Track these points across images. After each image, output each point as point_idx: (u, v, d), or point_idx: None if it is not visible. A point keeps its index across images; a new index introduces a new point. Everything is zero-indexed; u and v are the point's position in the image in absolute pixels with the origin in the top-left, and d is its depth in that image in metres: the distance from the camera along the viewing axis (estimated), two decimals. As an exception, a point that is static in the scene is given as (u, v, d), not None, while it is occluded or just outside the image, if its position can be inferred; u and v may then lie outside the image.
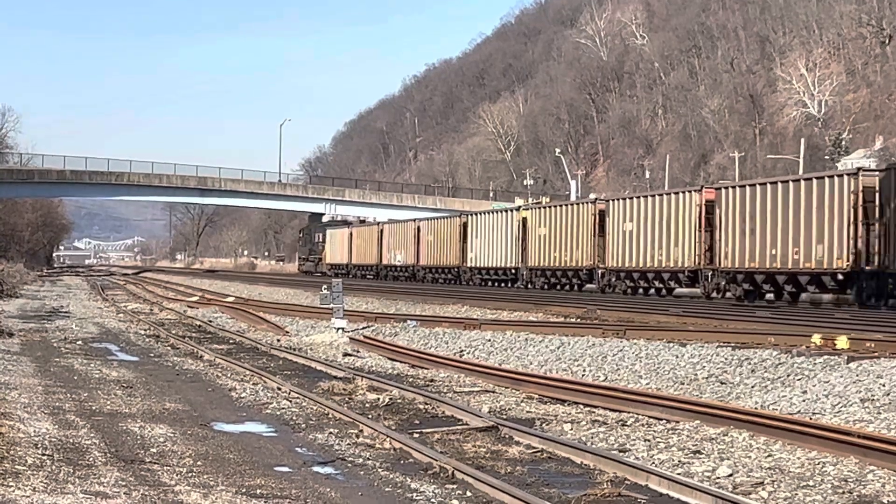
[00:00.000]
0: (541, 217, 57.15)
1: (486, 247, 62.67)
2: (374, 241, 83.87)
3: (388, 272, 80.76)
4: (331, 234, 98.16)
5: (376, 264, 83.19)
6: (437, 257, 70.81)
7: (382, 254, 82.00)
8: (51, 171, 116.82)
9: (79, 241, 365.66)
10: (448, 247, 68.82)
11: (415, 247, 74.69)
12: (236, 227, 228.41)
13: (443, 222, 71.67)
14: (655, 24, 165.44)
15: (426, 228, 73.57)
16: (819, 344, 19.16)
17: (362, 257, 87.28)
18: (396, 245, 79.04)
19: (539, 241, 56.57)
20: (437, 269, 71.31)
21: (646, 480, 10.25)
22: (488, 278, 63.18)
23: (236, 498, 9.54)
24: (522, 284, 57.75)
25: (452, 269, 68.33)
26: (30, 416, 13.92)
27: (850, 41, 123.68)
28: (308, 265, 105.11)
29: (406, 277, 76.63)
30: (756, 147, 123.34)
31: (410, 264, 75.66)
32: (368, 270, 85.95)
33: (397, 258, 78.44)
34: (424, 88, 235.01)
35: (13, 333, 27.29)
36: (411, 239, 75.56)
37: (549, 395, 16.62)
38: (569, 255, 53.46)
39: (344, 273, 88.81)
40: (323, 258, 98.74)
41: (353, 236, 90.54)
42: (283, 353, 23.65)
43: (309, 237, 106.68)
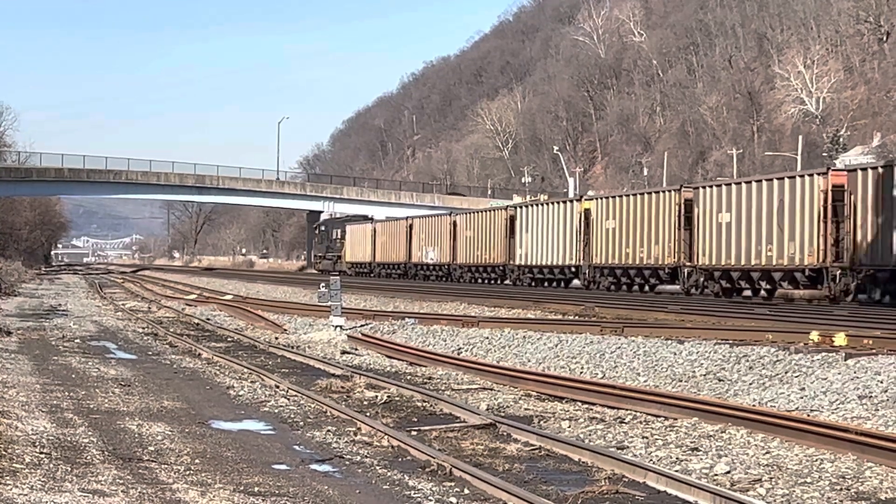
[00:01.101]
0: (609, 208, 49.96)
1: (539, 242, 56.19)
2: (402, 237, 77.36)
3: (418, 271, 74.65)
4: (351, 230, 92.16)
5: (404, 262, 77.06)
6: (478, 255, 64.27)
7: (412, 251, 75.79)
8: (49, 170, 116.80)
9: (77, 239, 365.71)
10: (492, 243, 62.40)
11: (450, 243, 68.45)
12: (234, 226, 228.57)
13: (485, 216, 64.57)
14: (653, 21, 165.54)
15: (464, 223, 66.93)
16: (817, 341, 19.15)
17: (388, 255, 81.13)
18: (428, 241, 72.80)
19: (606, 235, 49.83)
20: (477, 268, 64.89)
21: (644, 477, 10.26)
22: (541, 277, 56.61)
23: (234, 496, 9.54)
24: (583, 284, 51.99)
25: (496, 267, 61.85)
26: (27, 414, 13.91)
27: (848, 38, 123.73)
28: (325, 263, 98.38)
29: (440, 277, 70.66)
30: (754, 144, 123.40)
31: (445, 262, 69.44)
32: (395, 269, 79.64)
33: (430, 256, 72.38)
34: (422, 86, 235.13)
35: (11, 332, 27.29)
36: (446, 234, 69.20)
37: (548, 392, 16.61)
38: (645, 251, 46.89)
39: (366, 272, 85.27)
40: (342, 256, 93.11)
41: (378, 232, 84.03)
42: (282, 351, 23.65)
43: (326, 234, 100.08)
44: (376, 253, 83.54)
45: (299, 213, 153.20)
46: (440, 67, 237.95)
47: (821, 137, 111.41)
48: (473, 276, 65.24)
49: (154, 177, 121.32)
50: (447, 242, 68.90)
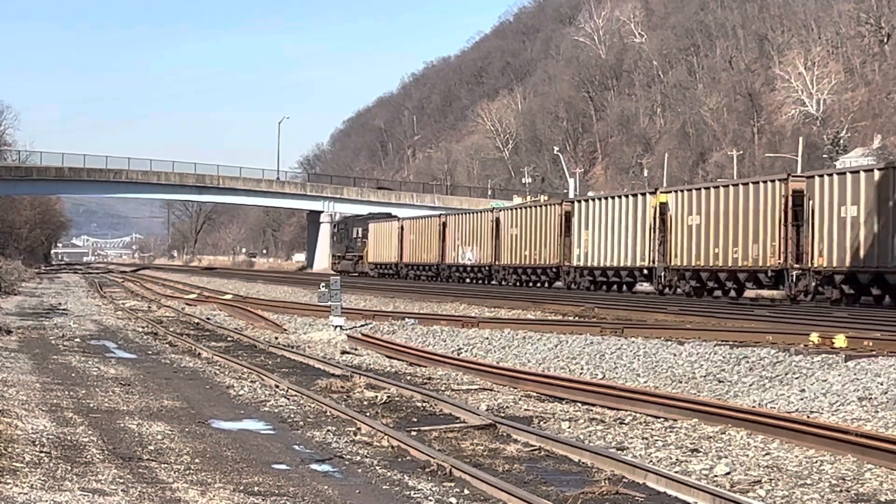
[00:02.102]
0: (692, 201, 44.16)
1: (602, 241, 50.20)
2: (435, 236, 71.49)
3: (452, 273, 68.78)
4: (375, 228, 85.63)
5: (437, 263, 71.09)
6: (526, 255, 58.10)
7: (445, 251, 69.73)
8: (49, 169, 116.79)
9: (77, 238, 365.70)
10: (543, 242, 56.25)
11: (492, 242, 62.34)
12: (234, 225, 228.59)
13: (535, 212, 58.29)
14: (654, 22, 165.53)
15: (510, 220, 60.67)
16: (817, 342, 19.15)
17: (417, 255, 75.17)
18: (465, 240, 66.74)
19: (689, 233, 44.11)
20: (525, 270, 58.76)
21: (644, 478, 10.26)
22: (603, 280, 50.78)
23: (234, 495, 9.54)
24: (657, 288, 46.17)
25: (550, 269, 55.76)
26: (28, 413, 13.91)
27: (849, 40, 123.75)
28: (345, 264, 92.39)
29: (478, 279, 65.10)
30: (754, 145, 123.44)
31: (486, 263, 63.32)
32: (425, 270, 73.90)
33: (467, 256, 66.27)
34: (423, 86, 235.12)
35: (11, 331, 27.29)
36: (487, 233, 63.09)
37: (547, 393, 16.61)
38: (740, 252, 40.88)
39: (392, 273, 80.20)
40: (364, 256, 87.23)
41: (405, 231, 77.94)
42: (281, 351, 23.65)
43: (345, 232, 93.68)
44: (403, 253, 78.07)
45: (299, 213, 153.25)
46: (440, 68, 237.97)
47: (821, 139, 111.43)
48: (520, 278, 59.11)
49: (154, 176, 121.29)
50: (488, 241, 62.98)
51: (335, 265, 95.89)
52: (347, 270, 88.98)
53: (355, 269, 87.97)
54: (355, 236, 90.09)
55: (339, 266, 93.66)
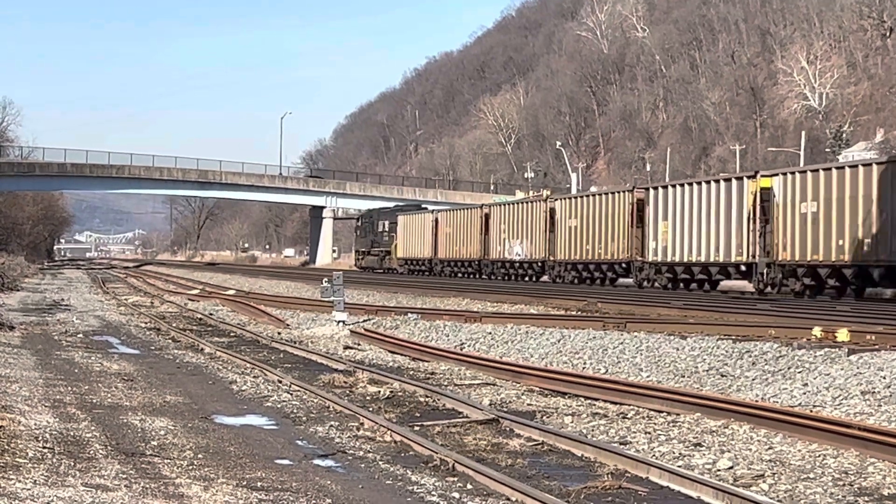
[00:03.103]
0: (803, 186, 38.71)
1: (685, 233, 44.50)
2: (476, 229, 66.06)
3: (496, 269, 63.36)
4: (404, 221, 79.40)
5: (478, 259, 65.67)
6: (588, 249, 52.38)
7: (488, 245, 64.13)
8: (52, 165, 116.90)
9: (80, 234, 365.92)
10: (609, 234, 50.52)
11: (545, 235, 56.90)
12: (237, 221, 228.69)
13: (598, 201, 52.45)
14: (656, 16, 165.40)
15: (567, 210, 54.98)
16: (820, 336, 19.15)
17: (455, 250, 69.49)
18: (513, 233, 60.97)
19: (802, 222, 38.41)
20: (587, 266, 53.12)
21: (646, 473, 10.25)
22: (686, 278, 45.36)
23: (237, 490, 9.54)
24: (758, 287, 40.43)
25: (618, 264, 50.27)
26: (30, 409, 13.92)
27: (851, 34, 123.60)
28: (369, 260, 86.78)
29: (530, 276, 59.68)
30: (757, 140, 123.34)
31: (538, 259, 57.98)
32: (465, 267, 68.49)
33: (515, 251, 60.54)
34: (425, 81, 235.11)
35: (14, 326, 27.29)
36: (540, 225, 57.64)
37: (550, 387, 16.62)
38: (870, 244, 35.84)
39: (424, 270, 74.96)
40: (392, 251, 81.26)
41: (440, 224, 72.11)
42: (284, 346, 23.65)
43: (370, 226, 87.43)
44: (438, 248, 72.33)
45: (302, 209, 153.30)
46: (443, 63, 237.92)
47: (824, 133, 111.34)
48: (579, 275, 53.91)
49: (157, 172, 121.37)
50: (541, 234, 57.50)
51: (359, 261, 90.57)
52: (372, 267, 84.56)
53: (381, 266, 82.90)
54: (381, 230, 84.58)
55: (363, 262, 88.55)
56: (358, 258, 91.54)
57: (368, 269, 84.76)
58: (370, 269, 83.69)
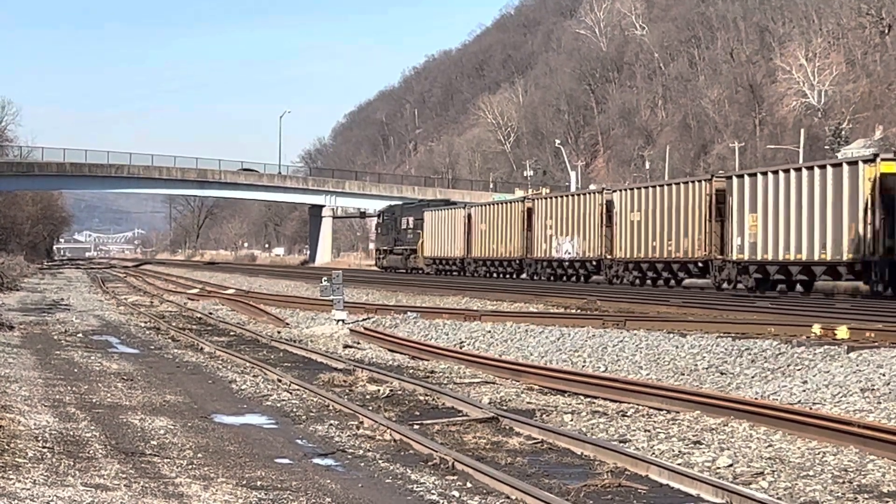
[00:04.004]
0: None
1: (779, 226, 38.73)
2: (516, 225, 60.54)
3: (541, 269, 58.11)
4: (432, 217, 73.45)
5: (520, 258, 60.23)
6: (654, 246, 46.86)
7: (532, 243, 58.68)
8: (50, 164, 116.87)
9: (79, 233, 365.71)
10: (681, 229, 44.85)
11: (600, 231, 51.42)
12: (236, 220, 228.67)
13: (664, 192, 46.80)
14: (655, 14, 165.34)
15: (626, 202, 49.67)
16: (819, 334, 19.15)
17: (491, 248, 63.83)
18: (561, 229, 55.45)
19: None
20: (652, 264, 47.90)
21: (646, 471, 10.26)
22: (780, 279, 39.64)
23: (237, 490, 9.55)
24: (875, 287, 35.29)
25: (692, 263, 44.72)
26: (30, 408, 13.92)
27: (850, 31, 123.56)
28: (392, 259, 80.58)
29: (582, 276, 54.39)
30: (756, 137, 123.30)
31: (593, 257, 52.41)
32: (503, 267, 63.15)
33: (564, 248, 55.14)
34: (424, 80, 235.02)
35: (13, 326, 27.29)
36: (593, 219, 52.28)
37: (550, 385, 16.62)
38: None
39: (455, 270, 69.64)
40: (418, 250, 75.10)
41: (474, 219, 66.52)
42: (284, 345, 23.66)
43: (393, 223, 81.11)
44: (471, 246, 66.66)
45: (301, 208, 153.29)
46: (442, 61, 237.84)
47: (823, 130, 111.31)
48: (643, 274, 48.94)
49: (156, 171, 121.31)
50: (595, 230, 52.09)
51: (380, 260, 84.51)
52: (395, 267, 79.08)
53: (405, 266, 77.35)
54: (405, 227, 78.29)
55: (384, 262, 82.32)
56: (379, 257, 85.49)
57: (391, 269, 79.57)
58: (392, 270, 78.69)
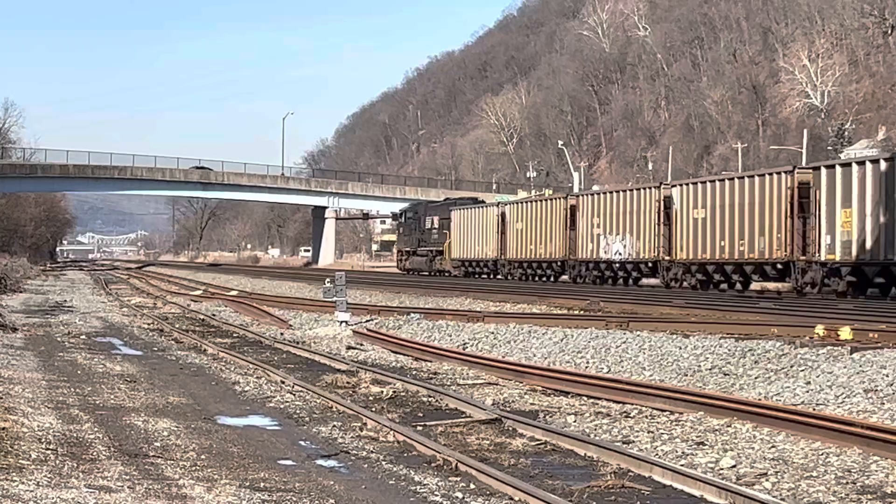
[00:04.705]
0: None
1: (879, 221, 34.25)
2: (558, 223, 55.90)
3: (585, 270, 53.44)
4: (460, 216, 68.79)
5: (562, 259, 55.51)
6: (723, 246, 42.30)
7: (577, 242, 54.09)
8: (54, 166, 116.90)
9: (82, 235, 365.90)
10: (755, 228, 40.37)
11: (656, 229, 47.23)
12: (239, 221, 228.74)
13: (734, 186, 42.11)
14: (658, 15, 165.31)
15: (688, 198, 44.87)
16: (822, 335, 19.13)
17: (529, 249, 59.06)
18: (610, 227, 51.08)
19: None
20: (721, 266, 43.11)
21: (649, 472, 10.26)
22: (881, 283, 35.24)
23: (240, 491, 9.55)
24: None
25: (771, 264, 39.83)
26: (33, 410, 13.93)
27: (853, 32, 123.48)
28: (415, 261, 75.75)
29: (633, 279, 50.45)
30: (759, 138, 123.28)
31: (647, 258, 48.06)
32: (543, 269, 58.26)
33: (614, 249, 50.84)
34: (427, 81, 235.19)
35: (17, 328, 27.31)
36: (649, 216, 47.90)
37: (553, 387, 16.62)
38: None
39: (486, 273, 65.14)
40: (444, 251, 70.51)
41: (508, 218, 62.03)
42: (287, 347, 23.66)
43: (415, 223, 76.06)
44: (506, 246, 61.99)
45: (304, 209, 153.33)
46: (444, 62, 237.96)
47: (826, 131, 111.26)
48: (707, 278, 43.90)
49: (159, 172, 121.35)
50: (651, 228, 47.70)
51: (401, 262, 79.77)
52: (419, 269, 74.43)
53: (430, 268, 72.82)
54: (429, 227, 73.66)
55: (407, 263, 77.55)
56: (400, 259, 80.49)
57: (413, 271, 75.08)
58: (415, 272, 74.22)
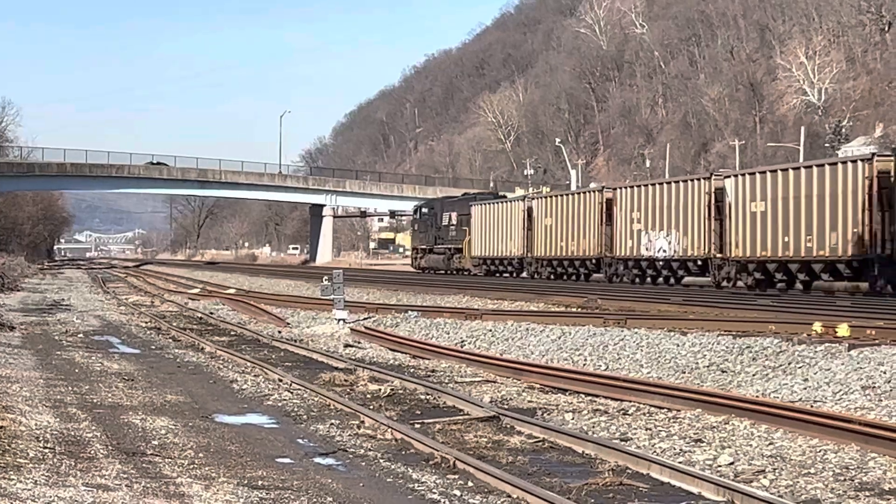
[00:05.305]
0: None
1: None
2: (592, 218, 52.18)
3: (624, 269, 49.72)
4: (481, 212, 65.15)
5: (597, 257, 51.72)
6: (786, 242, 38.32)
7: (614, 239, 50.20)
8: (51, 165, 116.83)
9: (80, 233, 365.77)
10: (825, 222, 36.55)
11: (707, 224, 43.16)
12: (237, 219, 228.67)
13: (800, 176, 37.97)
14: (655, 12, 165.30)
15: (745, 189, 40.81)
16: (820, 332, 19.14)
17: (559, 247, 55.53)
18: (653, 222, 47.02)
19: None
20: (784, 264, 38.83)
21: (647, 469, 10.26)
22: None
23: (238, 489, 9.54)
24: None
25: (847, 262, 35.87)
26: (31, 409, 13.92)
27: (850, 29, 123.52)
28: (432, 259, 72.59)
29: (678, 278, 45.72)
30: (756, 135, 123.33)
31: (697, 256, 43.97)
32: (575, 267, 54.27)
33: (657, 246, 46.45)
34: (424, 79, 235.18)
35: (14, 327, 27.29)
36: (697, 210, 43.90)
37: (551, 384, 16.61)
38: None
39: (510, 271, 62.06)
40: (464, 249, 67.09)
41: (535, 213, 58.46)
42: (285, 345, 23.65)
43: (431, 219, 72.79)
44: (533, 243, 58.49)
45: (302, 207, 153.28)
46: (442, 60, 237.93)
47: (823, 128, 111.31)
48: (769, 276, 39.93)
49: (156, 171, 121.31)
50: (700, 223, 43.64)
51: (416, 260, 76.21)
52: (435, 267, 71.43)
53: (448, 267, 69.66)
54: (447, 223, 70.43)
55: (422, 261, 74.28)
56: (415, 257, 77.02)
57: (430, 270, 72.00)
58: (431, 271, 71.25)
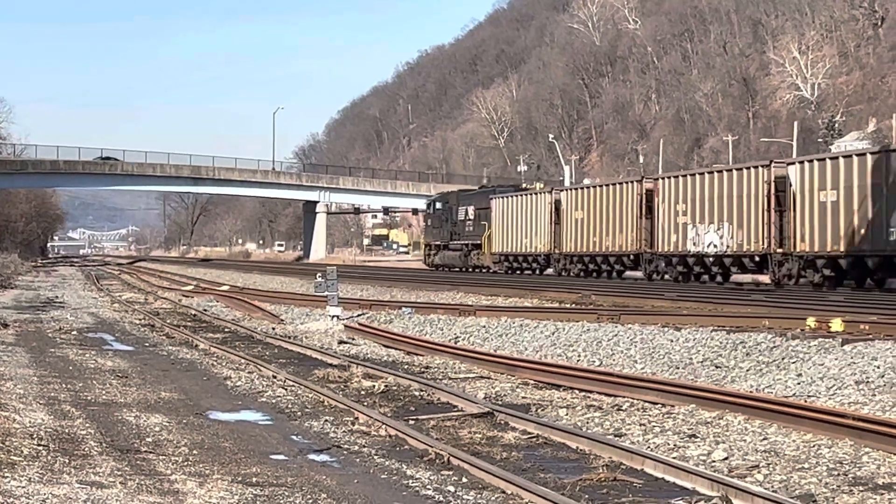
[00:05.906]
0: None
1: None
2: (630, 211, 48.09)
3: (667, 266, 45.59)
4: (502, 205, 61.22)
5: (635, 252, 47.80)
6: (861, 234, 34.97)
7: (654, 233, 46.19)
8: (44, 162, 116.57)
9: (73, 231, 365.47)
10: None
11: (766, 216, 39.38)
12: (231, 216, 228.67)
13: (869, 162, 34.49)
14: (648, 8, 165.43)
15: (809, 178, 37.00)
16: (813, 327, 19.16)
17: (592, 242, 51.35)
18: (700, 216, 43.15)
19: None
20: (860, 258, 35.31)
21: (641, 465, 10.26)
22: None
23: (232, 486, 9.54)
24: None
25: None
26: (25, 406, 13.90)
27: (843, 23, 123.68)
28: (447, 256, 68.49)
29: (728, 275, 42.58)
30: (749, 130, 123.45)
31: (754, 251, 40.05)
32: (609, 263, 50.46)
33: (707, 240, 42.57)
34: (417, 75, 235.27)
35: (8, 324, 27.25)
36: (754, 202, 40.06)
37: (545, 380, 16.61)
38: None
39: (536, 268, 57.89)
40: (483, 245, 63.11)
41: (564, 206, 54.54)
42: (279, 342, 23.63)
43: (446, 214, 68.59)
44: (561, 239, 54.47)
45: (295, 204, 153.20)
46: (435, 56, 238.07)
47: (816, 123, 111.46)
48: (839, 271, 36.52)
49: (150, 168, 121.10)
50: (758, 216, 39.78)
51: (430, 257, 72.10)
52: (451, 265, 67.57)
53: (465, 264, 65.91)
54: (463, 218, 66.52)
55: (436, 258, 70.18)
56: (428, 254, 72.75)
57: (444, 267, 68.18)
58: (446, 268, 67.64)
